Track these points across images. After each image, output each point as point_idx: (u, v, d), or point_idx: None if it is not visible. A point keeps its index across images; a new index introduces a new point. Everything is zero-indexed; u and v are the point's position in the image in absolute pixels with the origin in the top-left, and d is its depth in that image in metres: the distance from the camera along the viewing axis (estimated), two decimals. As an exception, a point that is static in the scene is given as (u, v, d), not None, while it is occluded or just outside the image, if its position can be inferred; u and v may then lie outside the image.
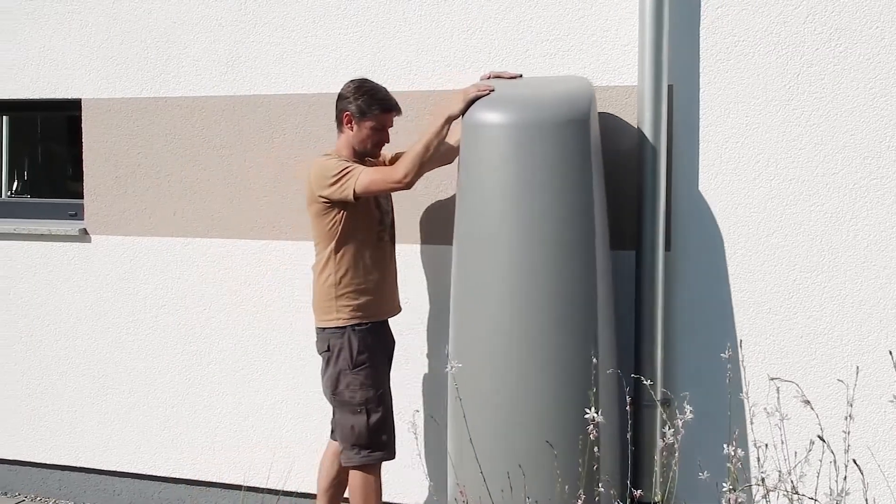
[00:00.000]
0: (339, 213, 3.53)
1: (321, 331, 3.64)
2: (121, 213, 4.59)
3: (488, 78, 3.55)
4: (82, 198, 4.69)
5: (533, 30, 3.85)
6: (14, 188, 5.29)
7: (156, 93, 4.48)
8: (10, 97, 4.76)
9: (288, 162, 4.26)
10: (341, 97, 3.63)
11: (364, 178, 3.45)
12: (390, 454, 3.65)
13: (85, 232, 4.66)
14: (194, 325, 4.50)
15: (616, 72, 3.72)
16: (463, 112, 3.31)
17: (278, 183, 4.28)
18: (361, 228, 3.58)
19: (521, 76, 3.59)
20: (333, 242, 3.55)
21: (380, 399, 3.58)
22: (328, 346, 3.59)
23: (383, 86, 3.65)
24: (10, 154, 5.21)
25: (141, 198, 4.54)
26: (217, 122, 4.38)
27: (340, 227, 3.53)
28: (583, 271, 3.19)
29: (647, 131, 3.58)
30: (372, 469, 3.61)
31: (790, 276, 3.60)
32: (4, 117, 5.17)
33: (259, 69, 4.29)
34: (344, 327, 3.56)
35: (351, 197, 3.46)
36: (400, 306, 3.82)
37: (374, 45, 4.10)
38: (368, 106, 3.55)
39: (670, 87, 3.63)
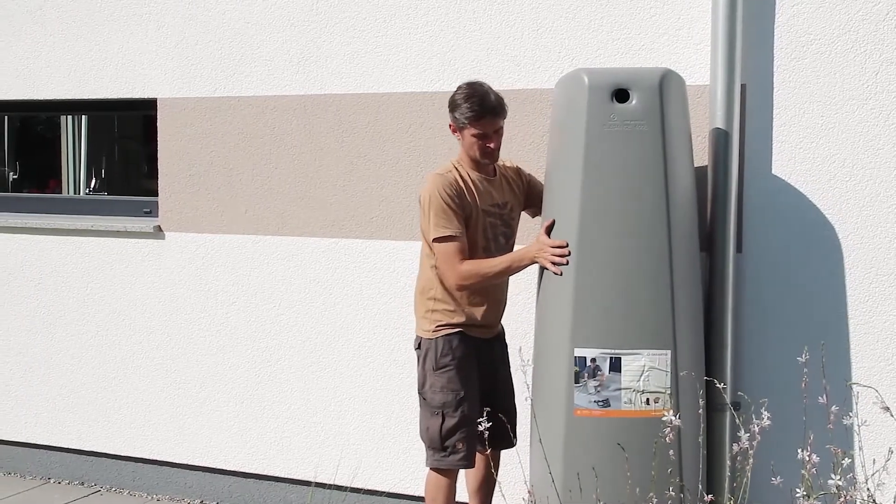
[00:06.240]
0: None
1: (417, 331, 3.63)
2: (194, 210, 4.67)
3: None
4: (157, 195, 4.78)
5: (604, 28, 3.83)
6: (92, 185, 5.43)
7: (229, 92, 4.55)
8: (90, 97, 4.87)
9: (357, 161, 4.30)
10: (448, 106, 3.51)
11: (440, 250, 3.39)
12: (467, 462, 3.52)
13: (159, 229, 4.75)
14: (264, 321, 4.57)
15: (688, 71, 3.67)
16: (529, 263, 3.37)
17: (348, 182, 4.33)
18: (470, 248, 3.44)
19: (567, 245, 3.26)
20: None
21: (458, 404, 3.47)
22: (419, 345, 3.59)
23: (484, 86, 3.46)
24: (88, 152, 5.34)
25: (214, 195, 4.63)
26: (288, 121, 4.44)
27: None
28: (661, 271, 3.16)
29: (720, 131, 3.53)
30: (447, 473, 3.55)
31: (866, 279, 3.52)
32: (83, 116, 5.30)
33: (330, 68, 4.33)
34: (433, 339, 3.53)
35: (429, 240, 3.42)
36: (499, 328, 3.70)
37: (444, 45, 4.11)
38: (462, 115, 3.41)
39: (743, 87, 3.58)
